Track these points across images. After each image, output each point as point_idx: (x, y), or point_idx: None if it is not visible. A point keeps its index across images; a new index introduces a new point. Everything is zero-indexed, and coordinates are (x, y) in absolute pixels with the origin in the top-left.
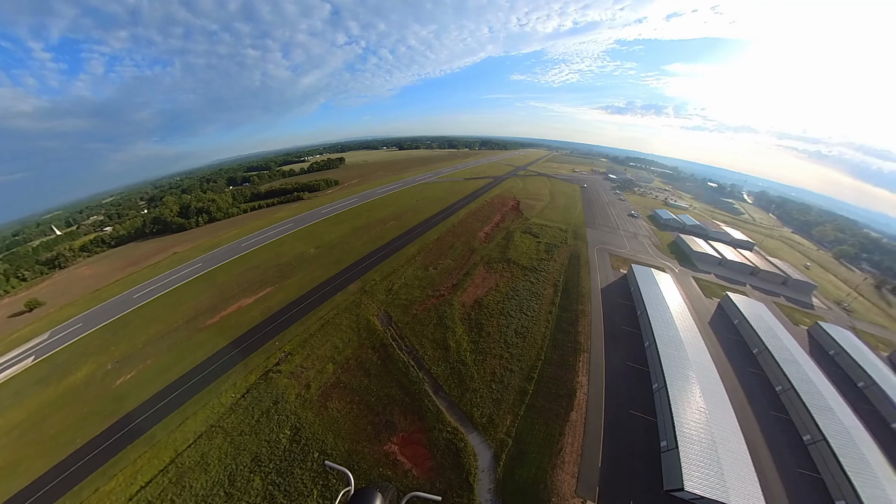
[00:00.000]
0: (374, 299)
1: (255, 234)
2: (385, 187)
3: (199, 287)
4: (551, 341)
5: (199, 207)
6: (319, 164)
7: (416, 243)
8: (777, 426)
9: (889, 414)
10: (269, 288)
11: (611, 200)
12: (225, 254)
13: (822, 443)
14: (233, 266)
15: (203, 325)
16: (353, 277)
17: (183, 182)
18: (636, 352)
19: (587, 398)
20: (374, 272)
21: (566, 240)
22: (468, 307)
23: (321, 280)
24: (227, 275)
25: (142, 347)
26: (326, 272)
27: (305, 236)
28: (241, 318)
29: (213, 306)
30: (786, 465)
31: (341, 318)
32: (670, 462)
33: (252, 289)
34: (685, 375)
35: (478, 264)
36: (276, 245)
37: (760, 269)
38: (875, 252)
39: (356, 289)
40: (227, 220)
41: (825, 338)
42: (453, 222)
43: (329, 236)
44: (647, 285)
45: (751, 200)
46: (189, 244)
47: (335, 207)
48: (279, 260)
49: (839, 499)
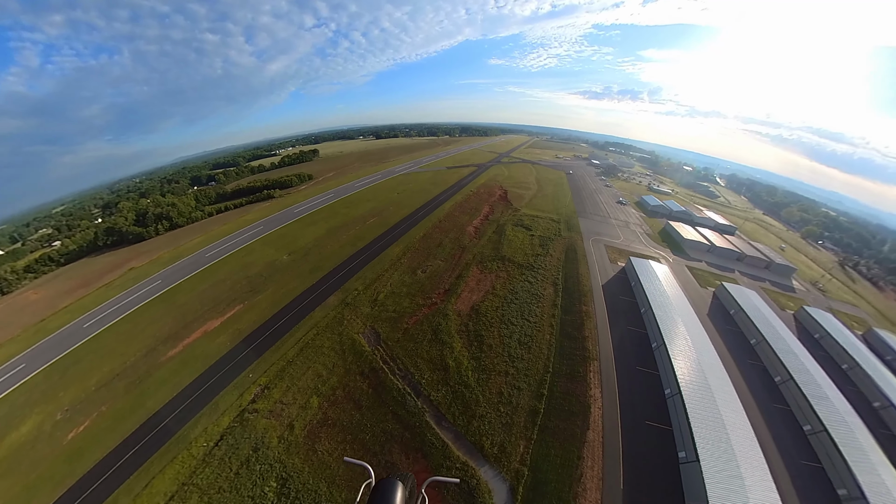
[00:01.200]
0: (359, 313)
1: (221, 240)
2: (363, 180)
3: (159, 310)
4: (558, 350)
5: (158, 213)
6: (291, 157)
7: (400, 243)
8: (779, 418)
9: (871, 394)
10: (237, 306)
11: (598, 187)
12: (187, 267)
13: (823, 433)
14: (196, 281)
15: (164, 358)
16: (332, 288)
17: (142, 184)
18: (644, 354)
19: (602, 413)
20: (356, 280)
21: (559, 231)
22: (464, 316)
23: (296, 293)
24: (189, 292)
25: (95, 390)
26: (302, 283)
27: (277, 241)
28: (208, 345)
29: (175, 333)
30: (791, 458)
31: (322, 339)
32: (692, 476)
33: (219, 308)
34: (698, 380)
35: (470, 264)
36: (245, 253)
37: (746, 255)
38: (835, 230)
39: (337, 301)
40: (190, 225)
41: (810, 322)
42: (439, 217)
43: (303, 239)
44: (647, 280)
45: (723, 183)
46: (147, 257)
47: (309, 205)
48: (248, 271)
49: (840, 487)
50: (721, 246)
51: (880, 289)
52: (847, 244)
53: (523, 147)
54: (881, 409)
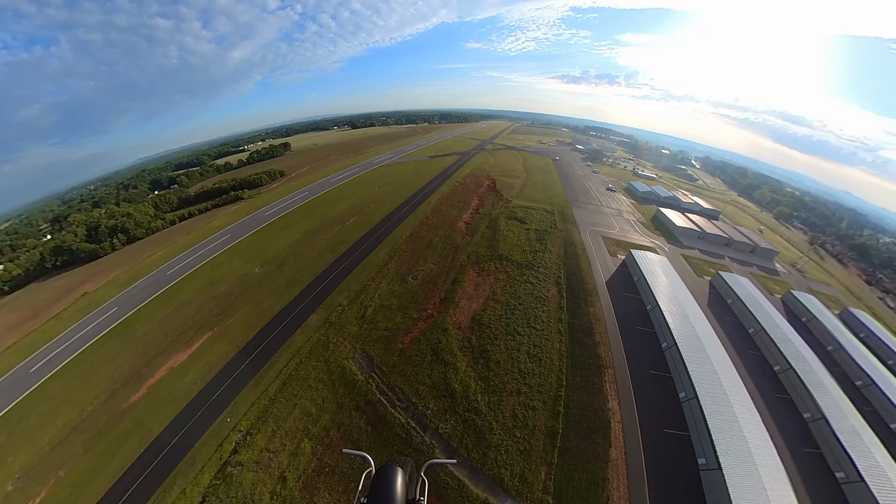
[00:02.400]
0: (345, 334)
1: (184, 253)
2: (340, 174)
3: (117, 344)
4: (569, 359)
5: (113, 226)
6: (260, 153)
7: (385, 245)
8: (781, 408)
9: (853, 373)
10: (206, 334)
11: (586, 174)
12: (147, 288)
13: (822, 421)
14: (158, 306)
15: (127, 404)
16: (312, 304)
17: (97, 192)
18: (656, 356)
19: (623, 427)
20: (339, 293)
21: (555, 223)
22: (465, 329)
23: (272, 313)
24: (150, 320)
25: (50, 451)
26: (278, 300)
27: (247, 250)
28: (176, 385)
29: (137, 372)
30: (794, 445)
31: (307, 369)
32: (714, 484)
33: (185, 338)
34: (712, 382)
35: (465, 266)
36: (211, 267)
37: (734, 240)
38: (801, 210)
39: (319, 321)
40: (149, 237)
41: (798, 305)
42: (426, 212)
43: (276, 247)
44: (650, 275)
45: (698, 166)
46: (102, 278)
47: (282, 206)
48: (216, 289)
49: (838, 470)
50: (711, 232)
51: (845, 265)
52: (812, 223)
53: (505, 133)
54: (863, 387)
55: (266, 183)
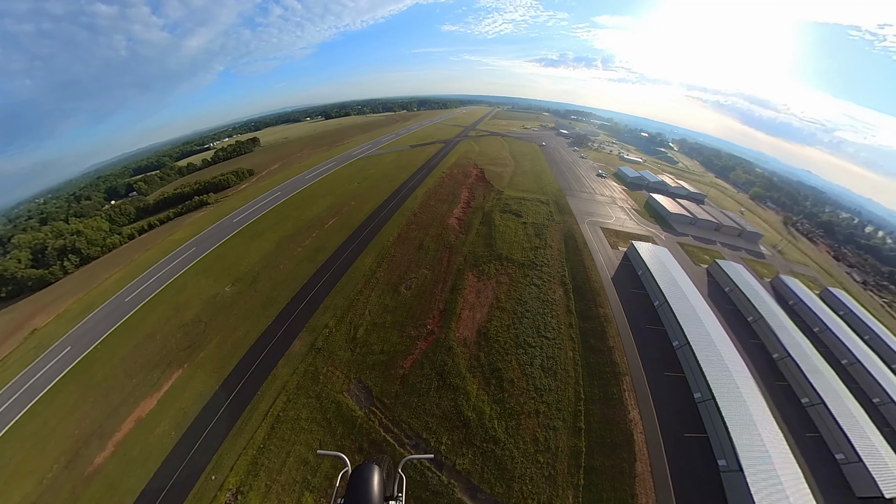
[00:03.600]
0: (336, 361)
1: (145, 274)
2: (315, 170)
3: (74, 392)
4: (585, 369)
5: (62, 246)
6: (227, 150)
7: (371, 249)
8: (782, 395)
9: (839, 352)
10: (175, 372)
11: (574, 160)
12: (104, 320)
13: (821, 406)
14: (117, 341)
15: (92, 467)
16: (295, 327)
17: (46, 205)
18: (668, 356)
19: (645, 438)
20: (324, 311)
21: (552, 215)
22: (472, 345)
23: (249, 341)
24: (110, 359)
25: None
26: (254, 325)
27: (215, 266)
28: (146, 439)
29: (100, 426)
30: (796, 431)
31: (297, 408)
32: (735, 487)
33: (151, 379)
34: (727, 382)
35: (463, 270)
36: (176, 290)
37: (723, 225)
38: (772, 190)
39: (304, 347)
40: (105, 256)
41: (785, 290)
42: (413, 208)
43: (248, 260)
44: (655, 268)
45: (676, 148)
46: (53, 310)
47: (251, 210)
48: (183, 316)
49: (837, 452)
50: (702, 218)
51: (815, 243)
52: (783, 202)
53: (487, 118)
54: (848, 365)
55: (234, 184)
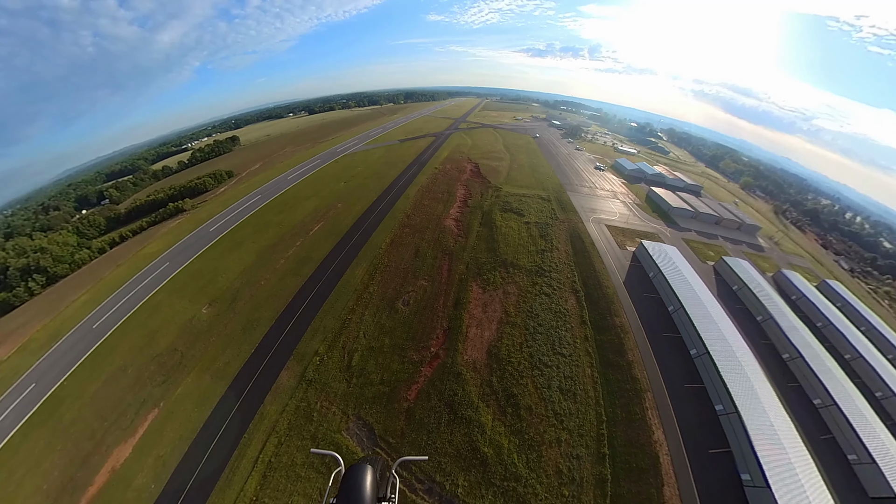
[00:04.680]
0: (331, 395)
1: (114, 295)
2: (298, 169)
3: (41, 438)
4: (605, 387)
5: (25, 266)
6: (204, 150)
7: (362, 259)
8: (794, 396)
9: (842, 347)
10: (151, 413)
11: (570, 152)
12: (71, 351)
13: (833, 407)
14: (86, 376)
15: None
16: (281, 355)
17: (13, 217)
18: (687, 367)
19: (671, 459)
20: (313, 335)
21: (555, 213)
22: (482, 369)
23: (230, 374)
24: (79, 398)
25: None
26: (236, 354)
27: (190, 283)
28: (123, 495)
29: (71, 480)
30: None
31: (291, 453)
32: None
33: (125, 422)
34: (748, 393)
35: (466, 280)
36: (148, 312)
37: (723, 218)
38: (760, 179)
39: (293, 379)
40: (74, 273)
41: (788, 285)
42: (405, 210)
43: (226, 275)
44: (667, 270)
45: (665, 138)
46: (16, 340)
47: (230, 217)
48: (156, 345)
49: (850, 453)
50: (703, 212)
51: (803, 231)
52: (770, 191)
53: (477, 110)
54: (851, 360)
55: (212, 188)
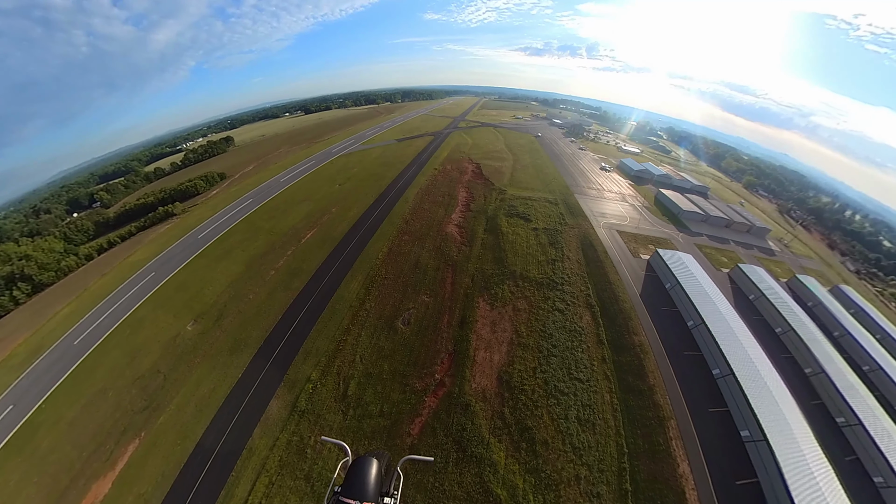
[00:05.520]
0: (325, 429)
1: (98, 307)
2: (292, 170)
3: (16, 469)
4: (625, 414)
5: (9, 274)
6: (198, 151)
7: (357, 270)
8: (818, 414)
9: (860, 358)
10: (131, 444)
11: (573, 151)
12: (51, 370)
13: (858, 426)
14: (64, 399)
15: None
16: (270, 381)
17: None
18: (710, 388)
19: (698, 494)
20: (305, 358)
21: (563, 218)
22: (493, 399)
23: (216, 401)
24: (56, 424)
25: None
26: (222, 378)
27: (175, 297)
28: None
29: None
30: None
31: (284, 495)
32: None
33: (103, 453)
34: (777, 418)
35: (472, 295)
36: (131, 328)
37: (733, 221)
38: (762, 178)
39: (284, 409)
40: (60, 281)
41: (803, 290)
42: (404, 214)
43: (213, 288)
44: (686, 282)
45: (665, 137)
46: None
47: (220, 223)
48: (138, 366)
49: (876, 475)
50: (714, 215)
51: (809, 232)
52: (772, 189)
53: (475, 109)
54: (870, 371)
55: (203, 190)
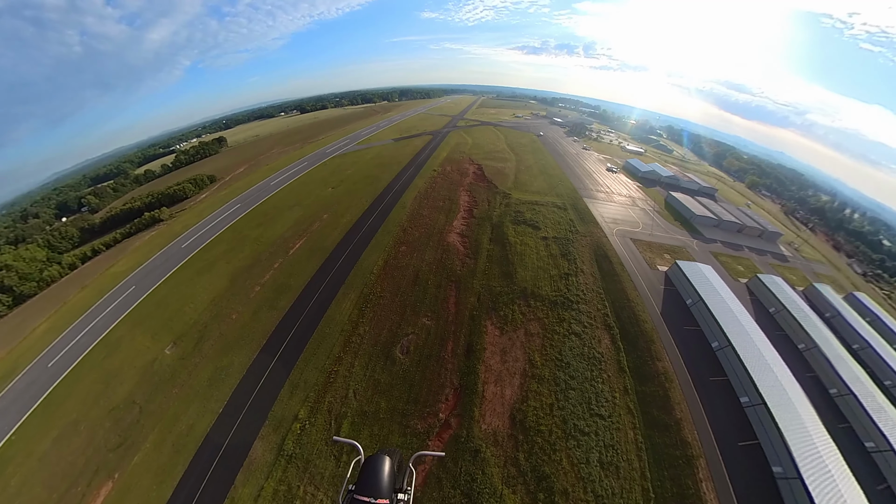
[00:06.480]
0: (316, 477)
1: (76, 324)
2: (284, 172)
3: None
4: (650, 453)
5: None
6: (189, 153)
7: (350, 287)
8: (846, 439)
9: (882, 373)
10: (105, 486)
11: (577, 151)
12: (23, 396)
13: (890, 452)
14: (35, 430)
15: None
16: (253, 420)
17: None
18: (739, 419)
19: None
20: (292, 392)
21: (573, 225)
22: (505, 442)
23: (196, 439)
24: (27, 459)
25: None
26: (201, 412)
27: (155, 314)
28: None
29: None
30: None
31: None
32: None
33: (75, 496)
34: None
35: (479, 317)
36: (108, 350)
37: (745, 226)
38: (762, 176)
39: (270, 453)
40: (43, 292)
41: (821, 301)
42: (401, 221)
43: (194, 305)
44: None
45: (664, 136)
46: None
47: (205, 230)
48: (113, 395)
49: None
50: (726, 219)
51: (815, 233)
52: (774, 189)
53: (474, 107)
54: (892, 387)
55: (192, 194)
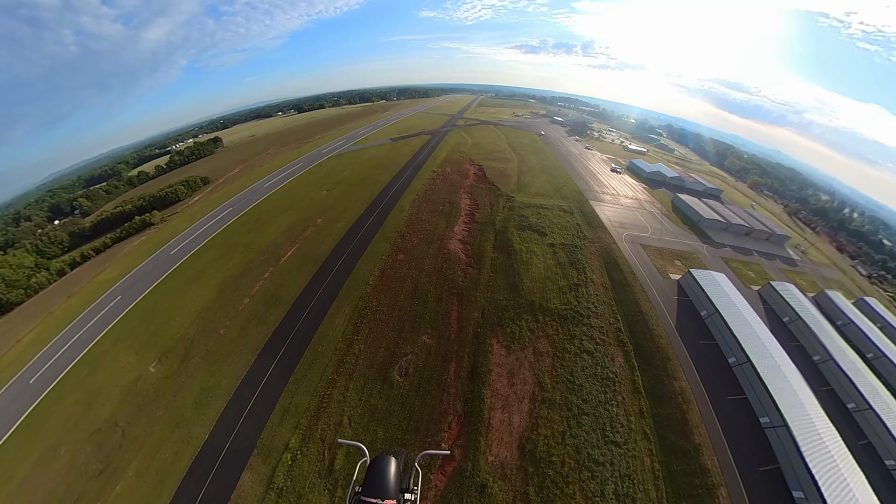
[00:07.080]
0: None
1: (59, 337)
2: (278, 173)
3: None
4: (668, 482)
5: None
6: (183, 154)
7: (344, 300)
8: (866, 456)
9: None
10: None
11: (581, 151)
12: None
13: None
14: (14, 454)
15: None
16: (241, 448)
17: None
18: (759, 441)
19: None
20: (282, 418)
21: (581, 230)
22: (513, 475)
23: (180, 469)
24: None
25: None
26: (186, 439)
27: (139, 328)
28: None
29: None
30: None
31: None
32: None
33: None
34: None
35: (483, 334)
36: (89, 367)
37: (754, 229)
38: (763, 176)
39: (259, 487)
40: (30, 300)
41: (832, 308)
42: (399, 226)
43: (181, 318)
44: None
45: (665, 135)
46: None
47: (195, 235)
48: (94, 416)
49: None
50: (734, 222)
51: (817, 233)
52: (775, 188)
53: (473, 106)
54: None
55: (184, 196)
